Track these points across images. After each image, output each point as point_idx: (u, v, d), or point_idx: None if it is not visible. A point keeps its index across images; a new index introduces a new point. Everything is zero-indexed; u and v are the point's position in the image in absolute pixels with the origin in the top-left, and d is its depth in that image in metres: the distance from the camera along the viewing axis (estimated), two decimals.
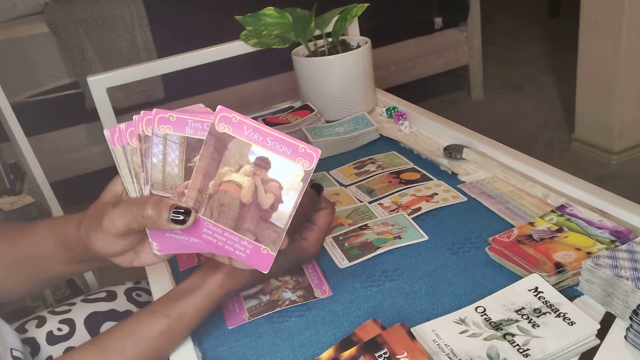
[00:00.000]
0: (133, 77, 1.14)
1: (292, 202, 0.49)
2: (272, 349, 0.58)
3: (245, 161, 0.49)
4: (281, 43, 1.15)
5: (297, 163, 0.48)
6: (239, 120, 0.49)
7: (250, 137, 0.49)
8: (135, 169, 0.52)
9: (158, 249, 0.54)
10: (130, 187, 0.54)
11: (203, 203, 0.50)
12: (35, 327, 0.78)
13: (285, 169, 0.49)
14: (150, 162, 0.51)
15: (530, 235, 0.65)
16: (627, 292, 0.52)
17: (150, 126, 0.51)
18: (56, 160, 2.23)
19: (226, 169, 0.49)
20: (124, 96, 2.18)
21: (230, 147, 0.49)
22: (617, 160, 2.15)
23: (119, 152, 0.53)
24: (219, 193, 0.50)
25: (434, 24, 2.73)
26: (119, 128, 0.52)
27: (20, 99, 2.13)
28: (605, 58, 2.02)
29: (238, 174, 0.49)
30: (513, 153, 0.85)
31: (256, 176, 0.49)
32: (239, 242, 0.50)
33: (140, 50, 2.18)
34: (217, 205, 0.50)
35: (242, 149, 0.49)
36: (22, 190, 1.72)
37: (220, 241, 0.51)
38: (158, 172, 0.51)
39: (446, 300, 0.60)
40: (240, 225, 0.50)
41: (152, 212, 0.50)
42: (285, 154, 0.48)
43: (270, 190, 0.49)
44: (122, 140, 0.52)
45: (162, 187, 0.51)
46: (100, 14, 2.10)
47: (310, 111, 1.11)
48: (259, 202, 0.49)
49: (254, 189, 0.49)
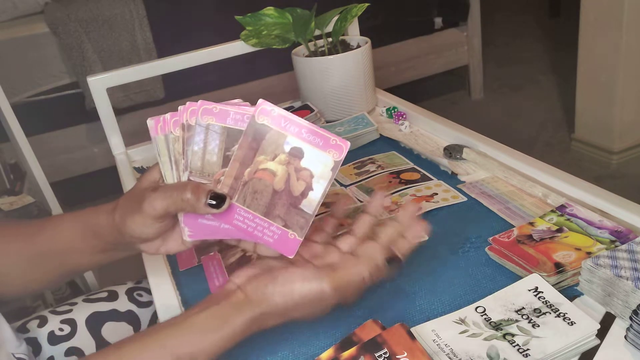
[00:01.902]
0: (133, 77, 1.14)
1: (322, 189, 0.52)
2: (272, 349, 0.58)
3: (281, 151, 0.52)
4: (281, 43, 1.15)
5: (327, 154, 0.52)
6: (277, 113, 0.52)
7: (286, 128, 0.52)
8: (176, 157, 0.55)
9: (189, 234, 0.56)
10: (168, 173, 0.56)
11: (237, 190, 0.53)
12: (37, 327, 0.78)
13: (316, 158, 0.52)
14: (192, 149, 0.54)
15: (530, 235, 0.65)
16: (627, 292, 0.52)
17: (194, 116, 0.53)
18: (56, 160, 2.23)
19: (262, 157, 0.53)
20: (124, 96, 2.19)
21: (268, 138, 0.52)
22: (617, 160, 2.15)
23: (160, 140, 0.55)
24: (253, 180, 0.53)
25: (434, 23, 2.73)
26: (163, 118, 0.55)
27: (20, 99, 2.13)
28: (605, 58, 2.02)
29: (273, 162, 0.52)
30: (513, 153, 0.85)
31: (290, 165, 0.52)
32: (268, 228, 0.53)
33: (140, 50, 2.18)
34: (251, 192, 0.53)
35: (278, 139, 0.52)
36: (22, 190, 1.72)
37: (250, 227, 0.53)
38: (198, 159, 0.54)
39: (446, 300, 0.60)
40: (271, 211, 0.53)
41: (190, 196, 0.52)
42: (318, 145, 0.52)
43: (302, 178, 0.52)
44: (166, 129, 0.55)
45: (200, 174, 0.54)
46: (100, 14, 2.10)
47: (310, 111, 1.11)
48: (291, 190, 0.52)
49: (287, 177, 0.52)
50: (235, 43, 1.16)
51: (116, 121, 1.13)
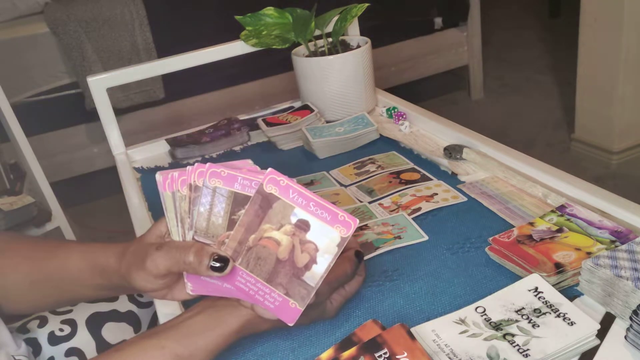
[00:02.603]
0: (133, 77, 1.14)
1: (326, 264, 0.52)
2: (272, 349, 0.58)
3: (287, 221, 0.53)
4: (281, 43, 1.15)
5: (335, 229, 0.52)
6: (286, 183, 0.53)
7: (294, 200, 0.52)
8: (182, 215, 0.56)
9: (192, 289, 0.56)
10: (174, 230, 0.57)
11: (241, 254, 0.54)
12: (37, 327, 0.78)
13: (323, 233, 0.52)
14: (197, 210, 0.55)
15: (530, 236, 0.65)
16: (627, 292, 0.52)
17: (202, 178, 0.55)
18: (56, 160, 2.23)
19: (268, 226, 0.53)
20: (124, 96, 2.19)
21: (275, 207, 0.53)
22: (617, 160, 2.15)
23: (168, 196, 0.56)
24: (257, 247, 0.53)
25: (434, 24, 2.73)
26: (171, 175, 0.56)
27: (21, 99, 2.13)
28: (605, 58, 2.02)
29: (278, 232, 0.53)
30: (513, 153, 0.85)
31: (295, 236, 0.53)
32: (270, 294, 0.53)
33: (140, 50, 2.18)
34: (254, 258, 0.53)
35: (285, 210, 0.52)
36: (22, 190, 1.72)
37: (252, 290, 0.53)
38: (203, 220, 0.55)
39: (446, 300, 0.60)
40: (274, 278, 0.53)
41: (193, 259, 0.52)
42: (325, 219, 0.52)
43: (306, 251, 0.52)
44: (173, 186, 0.56)
45: (204, 234, 0.55)
46: (100, 14, 2.10)
47: (310, 111, 1.11)
48: (295, 260, 0.53)
49: (291, 248, 0.52)
50: (235, 43, 1.16)
51: (116, 121, 1.13)
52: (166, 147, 1.14)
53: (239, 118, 1.20)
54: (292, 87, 1.20)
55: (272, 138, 1.06)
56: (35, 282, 0.66)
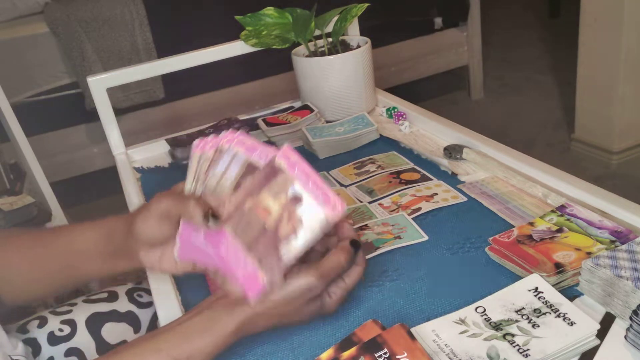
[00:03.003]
0: (133, 77, 1.14)
1: (304, 241, 0.53)
2: (272, 349, 0.58)
3: (284, 193, 0.55)
4: (281, 43, 1.15)
5: (323, 210, 0.53)
6: (295, 160, 0.55)
7: (297, 176, 0.54)
8: (199, 174, 0.61)
9: (178, 251, 0.61)
10: (188, 186, 0.62)
11: (234, 217, 0.57)
12: (37, 327, 0.78)
13: (311, 211, 0.53)
14: (214, 172, 0.60)
15: (530, 236, 0.65)
16: (627, 292, 0.52)
17: (229, 143, 0.59)
18: (56, 160, 2.23)
19: (266, 194, 0.56)
20: (124, 96, 2.18)
21: (278, 179, 0.55)
22: (617, 160, 2.15)
23: (195, 157, 0.62)
24: (250, 213, 0.56)
25: (434, 24, 2.73)
26: (207, 139, 0.61)
27: (21, 99, 2.13)
28: (605, 58, 2.02)
29: (272, 201, 0.55)
30: (513, 153, 0.85)
31: (286, 208, 0.54)
32: (243, 261, 0.55)
33: (140, 50, 2.18)
34: (244, 222, 0.56)
35: (285, 183, 0.55)
36: (22, 190, 1.72)
37: (229, 257, 0.56)
38: (215, 180, 0.60)
39: (446, 300, 0.60)
40: (253, 246, 0.55)
41: (192, 205, 0.58)
42: (317, 198, 0.53)
43: (291, 223, 0.54)
44: (204, 149, 0.61)
45: (211, 193, 0.60)
46: (100, 14, 2.10)
47: (310, 111, 1.11)
48: (279, 229, 0.54)
49: (279, 219, 0.54)
50: (235, 43, 1.16)
51: (116, 121, 1.13)
52: (166, 147, 1.14)
53: (239, 118, 1.20)
54: (292, 87, 1.20)
55: (272, 138, 1.07)
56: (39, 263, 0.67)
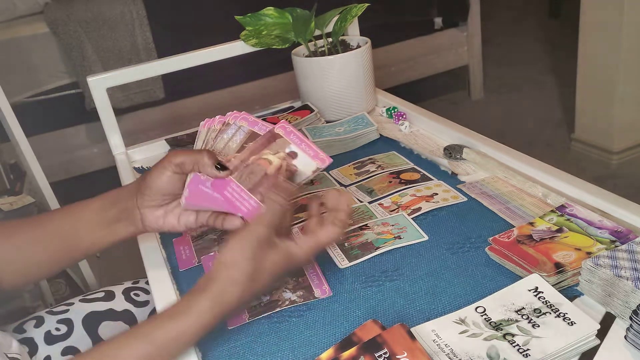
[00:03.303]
0: (133, 77, 1.14)
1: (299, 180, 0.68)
2: (272, 349, 0.58)
3: (282, 151, 0.68)
4: (281, 43, 1.15)
5: (313, 161, 0.68)
6: (290, 129, 0.69)
7: (292, 139, 0.69)
8: (207, 141, 0.72)
9: (186, 198, 0.67)
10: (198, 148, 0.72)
11: (239, 169, 0.67)
12: (34, 327, 0.78)
13: (304, 162, 0.68)
14: (221, 137, 0.71)
15: (530, 235, 0.65)
16: (627, 292, 0.52)
17: (235, 120, 0.71)
18: (56, 160, 2.23)
19: (267, 151, 0.68)
20: (124, 96, 2.18)
21: (277, 141, 0.69)
22: (617, 160, 2.15)
23: (203, 131, 0.72)
24: (253, 164, 0.67)
25: (434, 24, 2.73)
26: (213, 119, 0.72)
27: (20, 99, 2.13)
28: (605, 58, 2.02)
29: (273, 156, 0.67)
30: (513, 153, 0.85)
31: (284, 160, 0.67)
32: (248, 200, 0.65)
33: (140, 50, 2.18)
34: (248, 172, 0.66)
35: (283, 144, 0.69)
36: (22, 190, 1.72)
37: (234, 198, 0.65)
38: (223, 143, 0.71)
39: (446, 300, 0.60)
40: (256, 188, 0.65)
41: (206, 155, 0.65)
42: (309, 154, 0.68)
43: (289, 169, 0.67)
44: (212, 124, 0.72)
45: (219, 153, 0.70)
46: (100, 14, 2.10)
47: (310, 111, 1.11)
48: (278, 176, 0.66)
49: (279, 167, 0.66)
50: (235, 43, 1.16)
51: (116, 121, 1.13)
52: (166, 147, 1.14)
53: None
54: (292, 87, 1.20)
55: None
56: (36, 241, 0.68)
